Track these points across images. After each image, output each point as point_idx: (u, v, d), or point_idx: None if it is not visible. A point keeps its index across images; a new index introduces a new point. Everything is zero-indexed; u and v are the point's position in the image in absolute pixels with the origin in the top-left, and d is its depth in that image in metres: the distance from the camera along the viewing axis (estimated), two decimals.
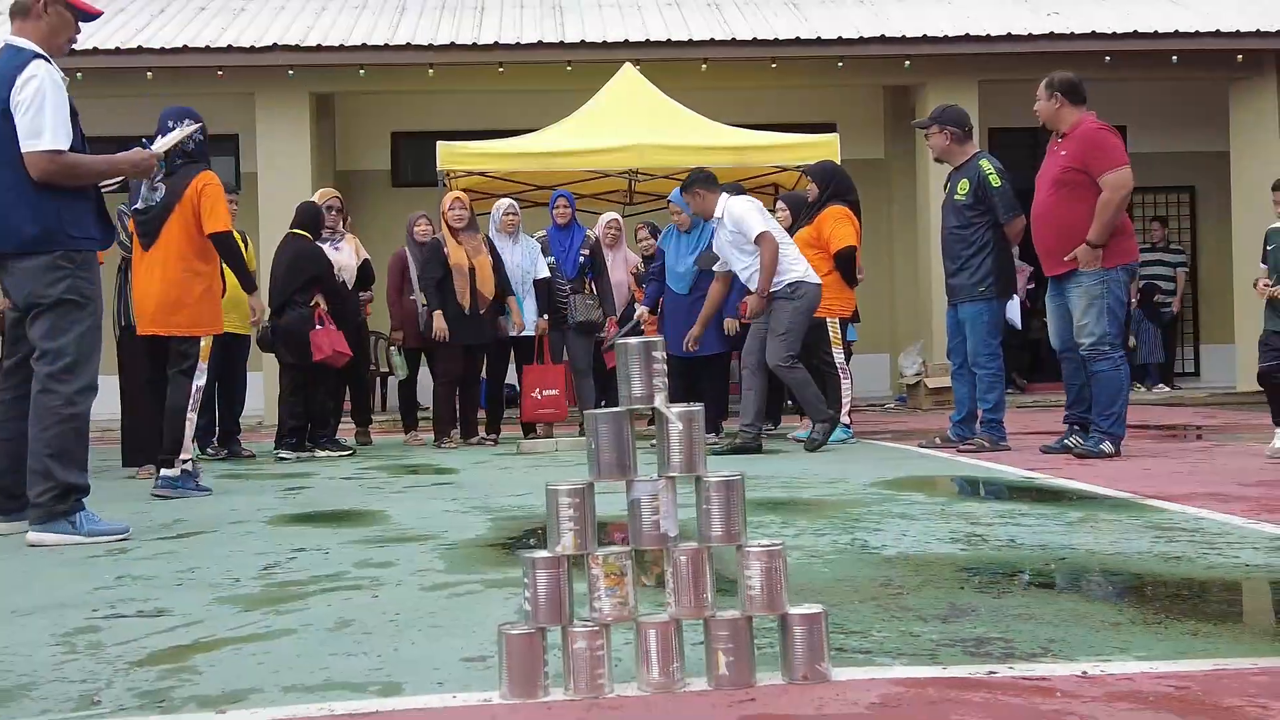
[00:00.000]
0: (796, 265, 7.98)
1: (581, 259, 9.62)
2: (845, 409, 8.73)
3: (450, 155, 11.59)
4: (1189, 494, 5.18)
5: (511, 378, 10.00)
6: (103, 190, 5.41)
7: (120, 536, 4.78)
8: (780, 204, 9.39)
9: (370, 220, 14.23)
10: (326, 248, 8.99)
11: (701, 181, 8.16)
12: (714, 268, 8.32)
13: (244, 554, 4.26)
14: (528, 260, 9.54)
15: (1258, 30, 14.10)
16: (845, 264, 8.64)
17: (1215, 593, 3.20)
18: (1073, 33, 14.20)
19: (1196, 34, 14.11)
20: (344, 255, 9.17)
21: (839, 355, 8.76)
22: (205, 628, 3.07)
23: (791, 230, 8.82)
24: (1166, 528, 4.25)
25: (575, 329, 9.55)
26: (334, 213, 9.24)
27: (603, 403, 10.03)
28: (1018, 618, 2.88)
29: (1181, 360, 16.13)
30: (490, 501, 5.60)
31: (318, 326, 8.56)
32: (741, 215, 7.87)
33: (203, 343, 6.51)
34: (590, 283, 9.68)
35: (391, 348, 9.98)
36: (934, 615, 2.93)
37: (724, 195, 8.09)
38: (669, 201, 9.31)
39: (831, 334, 8.70)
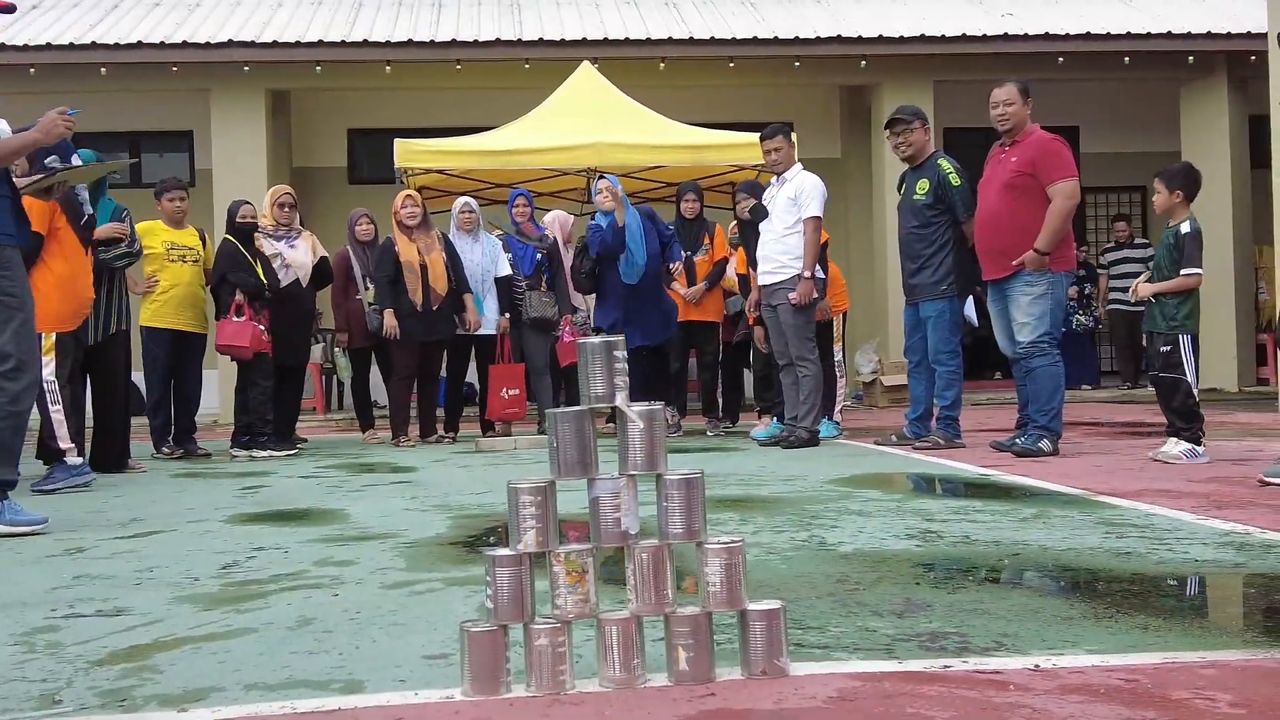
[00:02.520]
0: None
1: (539, 257, 9.64)
2: (838, 406, 9.13)
3: (408, 153, 11.58)
4: (1140, 490, 5.26)
5: (471, 376, 10.01)
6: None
7: (39, 527, 4.91)
8: (741, 194, 9.45)
9: (326, 217, 14.20)
10: (282, 245, 8.96)
11: (787, 134, 8.38)
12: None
13: (203, 553, 4.25)
14: (488, 259, 9.56)
15: (1208, 32, 14.30)
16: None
17: (1165, 587, 3.26)
18: (1027, 34, 14.37)
19: (1148, 35, 14.30)
20: (299, 253, 9.13)
21: (837, 353, 9.21)
22: (165, 627, 3.07)
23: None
24: (1117, 524, 4.32)
25: (530, 326, 9.56)
26: (286, 209, 9.18)
27: (561, 399, 10.05)
28: (972, 613, 2.93)
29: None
30: (450, 500, 5.61)
31: (233, 319, 8.56)
32: (811, 187, 8.15)
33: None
34: (546, 280, 9.69)
35: (336, 348, 9.93)
36: (890, 611, 2.98)
37: (800, 164, 8.45)
38: (600, 178, 9.35)
39: (836, 330, 9.18)
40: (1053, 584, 3.37)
